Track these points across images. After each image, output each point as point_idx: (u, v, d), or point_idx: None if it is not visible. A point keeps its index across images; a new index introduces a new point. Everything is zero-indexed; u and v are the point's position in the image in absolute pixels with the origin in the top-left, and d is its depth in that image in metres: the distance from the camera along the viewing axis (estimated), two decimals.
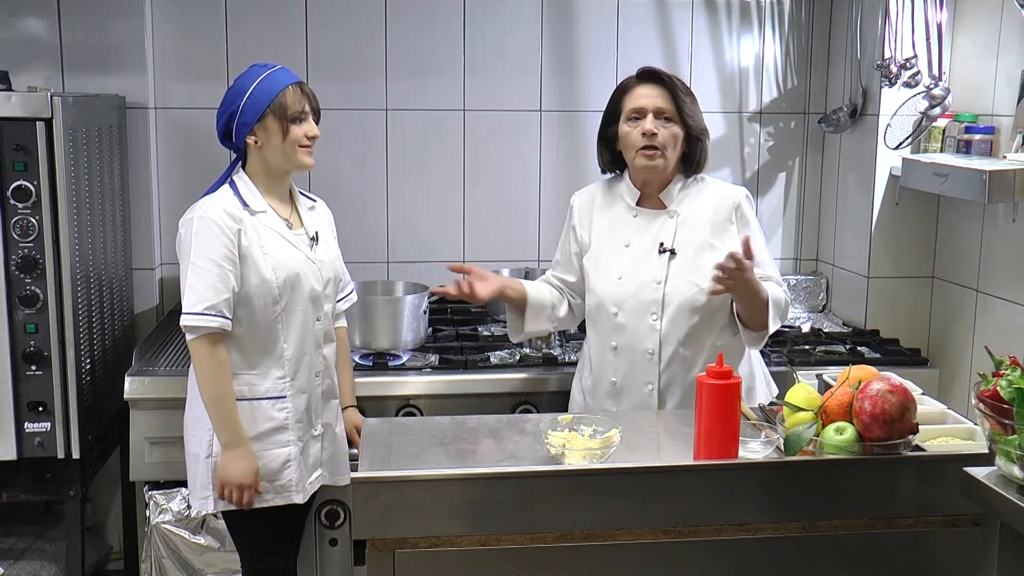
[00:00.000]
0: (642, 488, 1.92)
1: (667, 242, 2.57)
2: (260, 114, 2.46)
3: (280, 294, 2.47)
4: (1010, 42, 3.03)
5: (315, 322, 2.55)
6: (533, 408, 2.94)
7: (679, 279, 2.54)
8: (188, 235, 2.43)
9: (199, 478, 2.49)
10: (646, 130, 2.53)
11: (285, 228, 2.54)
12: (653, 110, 2.54)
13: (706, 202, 2.60)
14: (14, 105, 2.66)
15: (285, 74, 2.51)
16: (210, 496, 2.48)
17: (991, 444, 1.68)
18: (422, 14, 3.59)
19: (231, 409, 2.43)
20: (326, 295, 2.59)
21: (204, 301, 2.38)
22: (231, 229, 2.42)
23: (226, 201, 2.47)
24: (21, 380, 2.75)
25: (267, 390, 2.48)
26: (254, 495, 2.45)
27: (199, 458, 2.49)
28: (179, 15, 3.49)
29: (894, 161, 3.34)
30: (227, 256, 2.41)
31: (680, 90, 2.57)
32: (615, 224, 2.65)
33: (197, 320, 2.38)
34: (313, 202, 2.71)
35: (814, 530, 1.98)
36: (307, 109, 2.50)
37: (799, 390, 2.08)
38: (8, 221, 2.69)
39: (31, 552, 3.16)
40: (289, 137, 2.47)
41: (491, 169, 3.71)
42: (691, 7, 3.69)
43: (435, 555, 1.91)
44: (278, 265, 2.47)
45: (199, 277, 2.39)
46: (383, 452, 2.13)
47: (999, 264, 3.07)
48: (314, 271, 2.55)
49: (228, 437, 2.43)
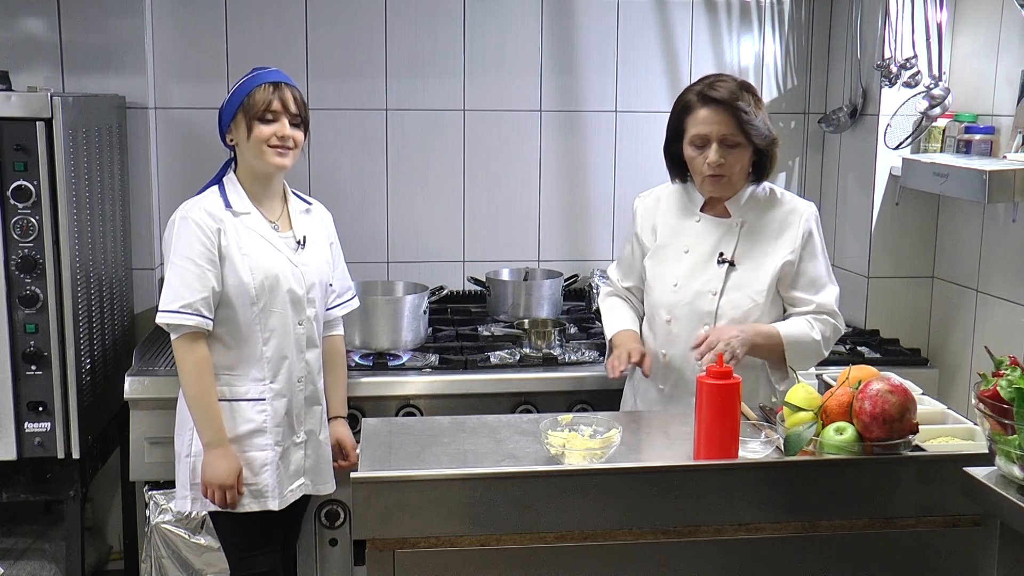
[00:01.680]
0: (642, 488, 1.92)
1: (727, 252, 2.52)
2: (233, 113, 2.50)
3: (257, 295, 2.48)
4: (1010, 42, 3.03)
5: (296, 325, 2.55)
6: (533, 408, 2.94)
7: (735, 292, 2.50)
8: (170, 235, 2.49)
9: (180, 477, 2.54)
10: (711, 161, 2.43)
11: (269, 230, 2.54)
12: (718, 138, 2.43)
13: (774, 215, 2.53)
14: (14, 105, 2.65)
15: (267, 75, 2.52)
16: (188, 496, 2.52)
17: (991, 444, 1.68)
18: (422, 14, 3.59)
19: (212, 408, 2.45)
20: (310, 299, 2.58)
21: (180, 299, 2.42)
22: (211, 229, 2.45)
23: (209, 201, 2.50)
24: (21, 380, 2.74)
25: (246, 392, 2.50)
26: (236, 496, 2.45)
27: (180, 456, 2.53)
28: (179, 15, 3.49)
29: (894, 161, 3.34)
30: (205, 255, 2.44)
31: (743, 110, 2.41)
32: (678, 228, 2.59)
33: (172, 318, 2.42)
34: (308, 205, 2.70)
35: (814, 530, 1.98)
36: (277, 108, 2.48)
37: (799, 390, 2.08)
38: (8, 221, 2.69)
39: (31, 552, 3.16)
40: (253, 135, 2.48)
41: (491, 169, 3.70)
42: (691, 7, 3.69)
43: (435, 555, 1.91)
44: (256, 266, 2.48)
45: (177, 275, 2.43)
46: (383, 452, 2.13)
47: (999, 264, 3.07)
48: (296, 274, 2.54)
49: (209, 436, 2.44)
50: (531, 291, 3.49)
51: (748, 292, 2.50)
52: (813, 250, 2.52)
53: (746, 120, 2.42)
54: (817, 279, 2.52)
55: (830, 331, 2.52)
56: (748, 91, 2.48)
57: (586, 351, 3.14)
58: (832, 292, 2.54)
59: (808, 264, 2.52)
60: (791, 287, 2.52)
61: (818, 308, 2.51)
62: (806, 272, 2.52)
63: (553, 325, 3.24)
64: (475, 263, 3.73)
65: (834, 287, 2.55)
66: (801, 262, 2.51)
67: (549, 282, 3.51)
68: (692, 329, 2.50)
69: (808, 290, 2.52)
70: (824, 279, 2.54)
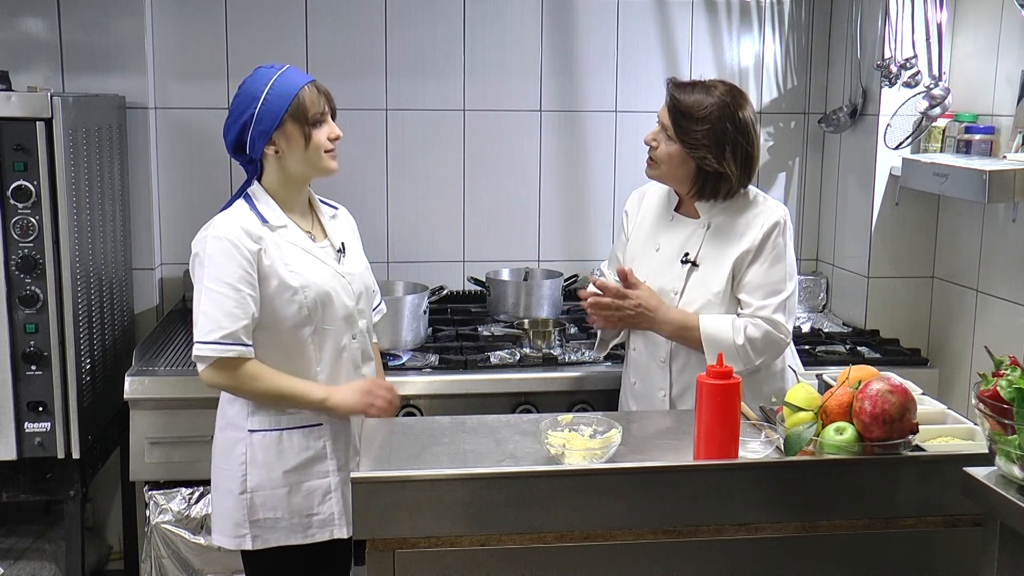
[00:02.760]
0: (642, 488, 1.92)
1: (692, 253, 2.54)
2: (278, 120, 2.27)
3: (310, 315, 2.29)
4: (1010, 42, 3.03)
5: (351, 341, 2.39)
6: (533, 408, 2.94)
7: (695, 291, 2.52)
8: (202, 256, 2.25)
9: (231, 514, 2.34)
10: (646, 137, 2.56)
11: (308, 242, 2.36)
12: (660, 123, 2.53)
13: (742, 218, 2.53)
14: (14, 105, 2.65)
15: (297, 74, 2.33)
16: (247, 534, 2.33)
17: (991, 444, 1.68)
18: (422, 14, 3.59)
19: (296, 389, 2.28)
20: (360, 310, 2.42)
21: (220, 329, 2.20)
22: (250, 250, 2.24)
23: (243, 217, 2.28)
24: (21, 380, 2.74)
25: (302, 419, 2.33)
26: (384, 399, 2.34)
27: (232, 493, 2.34)
28: (179, 15, 3.49)
29: (894, 161, 3.34)
30: (245, 279, 2.23)
31: (684, 117, 2.45)
32: (653, 226, 2.65)
33: (213, 350, 2.21)
34: (335, 209, 2.54)
35: (814, 530, 1.98)
36: (326, 109, 2.34)
37: (799, 390, 2.08)
38: (8, 221, 2.69)
39: (31, 552, 3.16)
40: (312, 142, 2.30)
41: (491, 169, 3.70)
42: (691, 7, 3.69)
43: (435, 555, 1.91)
44: (306, 283, 2.29)
45: (214, 302, 2.21)
46: (383, 452, 2.13)
47: (999, 264, 3.07)
48: (344, 285, 2.37)
49: (318, 400, 2.29)
50: (531, 291, 3.49)
51: (704, 292, 2.51)
52: (768, 254, 2.48)
53: (683, 127, 2.45)
54: (764, 285, 2.47)
55: (761, 336, 2.44)
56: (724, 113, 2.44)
57: (586, 351, 3.14)
58: (779, 299, 2.47)
59: (761, 267, 2.48)
60: (740, 289, 2.51)
61: (754, 312, 2.46)
62: (757, 275, 2.48)
63: (553, 325, 3.24)
64: (475, 263, 3.73)
65: (784, 296, 2.47)
66: (754, 264, 2.49)
67: (549, 282, 3.51)
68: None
69: (753, 294, 2.48)
70: (775, 285, 2.47)
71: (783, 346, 2.51)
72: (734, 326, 2.46)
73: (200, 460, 2.85)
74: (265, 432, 2.33)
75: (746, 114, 2.48)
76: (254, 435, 2.33)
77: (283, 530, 2.36)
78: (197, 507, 2.85)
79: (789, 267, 2.51)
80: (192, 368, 2.88)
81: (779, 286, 2.48)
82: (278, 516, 2.35)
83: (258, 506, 2.34)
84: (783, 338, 2.48)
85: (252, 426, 2.33)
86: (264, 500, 2.34)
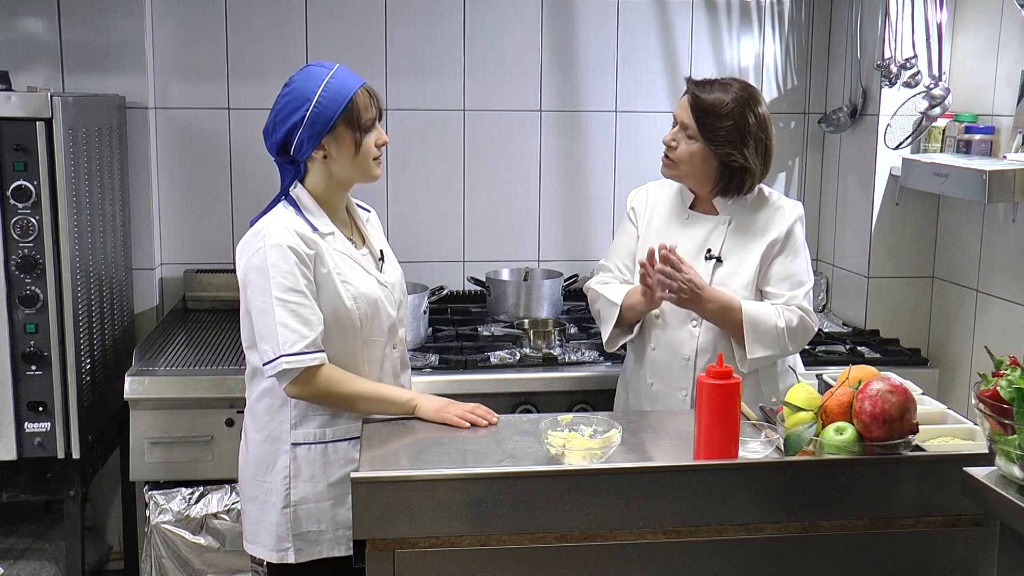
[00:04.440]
0: (642, 488, 1.92)
1: (715, 249, 2.56)
2: (331, 124, 2.19)
3: (361, 326, 2.25)
4: (1010, 42, 3.03)
5: (391, 350, 2.36)
6: (533, 408, 2.94)
7: (722, 288, 2.52)
8: (264, 266, 2.15)
9: (275, 529, 2.29)
10: (665, 138, 2.56)
11: (354, 250, 2.30)
12: (680, 122, 2.53)
13: (761, 214, 2.58)
14: (14, 105, 2.65)
15: (350, 76, 2.25)
16: (290, 548, 2.29)
17: (991, 444, 1.68)
18: (422, 14, 3.59)
19: (380, 393, 2.24)
20: (400, 319, 2.39)
21: (303, 339, 2.13)
22: (308, 256, 2.17)
23: (295, 223, 2.20)
24: (21, 380, 2.75)
25: (345, 431, 2.29)
26: (468, 411, 2.22)
27: (275, 507, 2.29)
28: (179, 15, 3.49)
29: (894, 161, 3.34)
30: (310, 286, 2.17)
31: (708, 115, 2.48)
32: (667, 224, 2.64)
33: (300, 361, 2.13)
34: (368, 212, 2.48)
35: (814, 530, 1.98)
36: (375, 115, 2.27)
37: (799, 390, 2.08)
38: (8, 221, 2.69)
39: (31, 552, 3.16)
40: (363, 149, 2.24)
41: (491, 169, 3.71)
42: (691, 7, 3.69)
43: (435, 555, 1.91)
44: (358, 294, 2.24)
45: (290, 312, 2.13)
46: (383, 452, 2.13)
47: (999, 264, 3.07)
48: (387, 295, 2.33)
49: (404, 404, 2.23)
50: (531, 291, 3.49)
51: (733, 287, 2.53)
52: (792, 247, 2.56)
53: (707, 124, 2.47)
54: (792, 275, 2.55)
55: (797, 323, 2.51)
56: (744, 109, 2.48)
57: (586, 351, 3.14)
58: (805, 289, 2.56)
59: (785, 259, 2.56)
60: (766, 281, 2.56)
61: (787, 302, 2.53)
62: (782, 267, 2.56)
63: (553, 325, 3.24)
64: (475, 263, 3.73)
65: (808, 287, 2.56)
66: (779, 257, 2.56)
67: (549, 282, 3.51)
68: (679, 324, 2.57)
69: (779, 285, 2.55)
70: (800, 276, 2.56)
71: (812, 334, 2.57)
72: (776, 311, 2.50)
73: (200, 460, 2.86)
74: (310, 445, 2.29)
75: (763, 109, 2.54)
76: (298, 448, 2.29)
77: (327, 543, 2.33)
78: (197, 507, 2.85)
79: (808, 259, 2.61)
80: (191, 368, 2.91)
81: (802, 277, 2.57)
82: (322, 529, 2.31)
83: (302, 519, 2.30)
84: (814, 326, 2.56)
85: (296, 439, 2.29)
86: (308, 513, 2.30)
